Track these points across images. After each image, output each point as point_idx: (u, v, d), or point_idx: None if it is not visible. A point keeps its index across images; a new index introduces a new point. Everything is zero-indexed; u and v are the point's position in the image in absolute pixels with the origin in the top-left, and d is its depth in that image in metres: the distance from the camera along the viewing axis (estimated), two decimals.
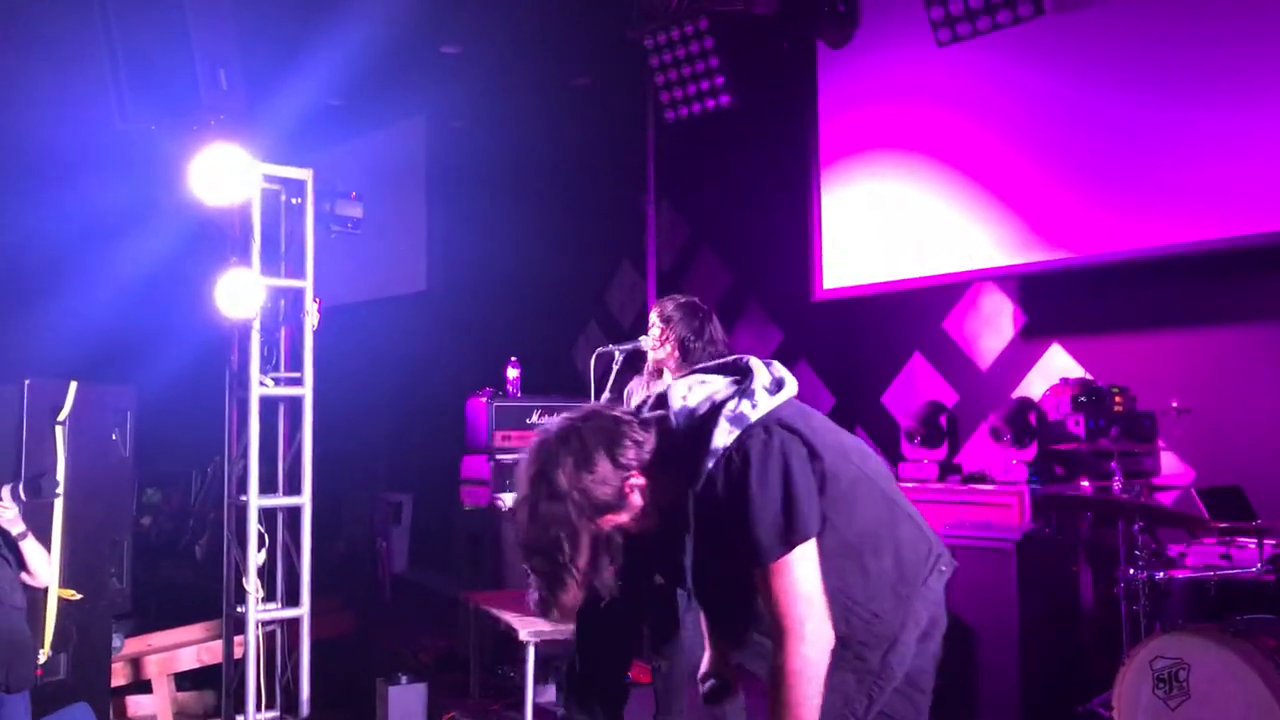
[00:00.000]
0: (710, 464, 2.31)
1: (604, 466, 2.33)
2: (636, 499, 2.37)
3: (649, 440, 2.38)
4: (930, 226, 6.62)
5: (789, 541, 2.27)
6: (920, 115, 6.71)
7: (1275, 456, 5.15)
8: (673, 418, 2.40)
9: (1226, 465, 5.46)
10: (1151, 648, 4.08)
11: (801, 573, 2.29)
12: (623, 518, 2.38)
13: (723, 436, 2.31)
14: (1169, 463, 5.60)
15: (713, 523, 2.33)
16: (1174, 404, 5.22)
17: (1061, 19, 5.97)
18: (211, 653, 5.54)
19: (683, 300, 4.38)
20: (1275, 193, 5.31)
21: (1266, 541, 4.45)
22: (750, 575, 2.31)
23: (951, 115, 6.55)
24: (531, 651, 4.64)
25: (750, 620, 2.43)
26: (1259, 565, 4.36)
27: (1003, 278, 6.47)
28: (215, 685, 5.29)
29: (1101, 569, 5.02)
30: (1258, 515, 4.74)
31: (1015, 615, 5.06)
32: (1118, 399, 5.39)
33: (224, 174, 4.80)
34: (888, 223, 6.86)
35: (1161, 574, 4.50)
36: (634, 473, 2.35)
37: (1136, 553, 4.58)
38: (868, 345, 7.29)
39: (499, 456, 6.65)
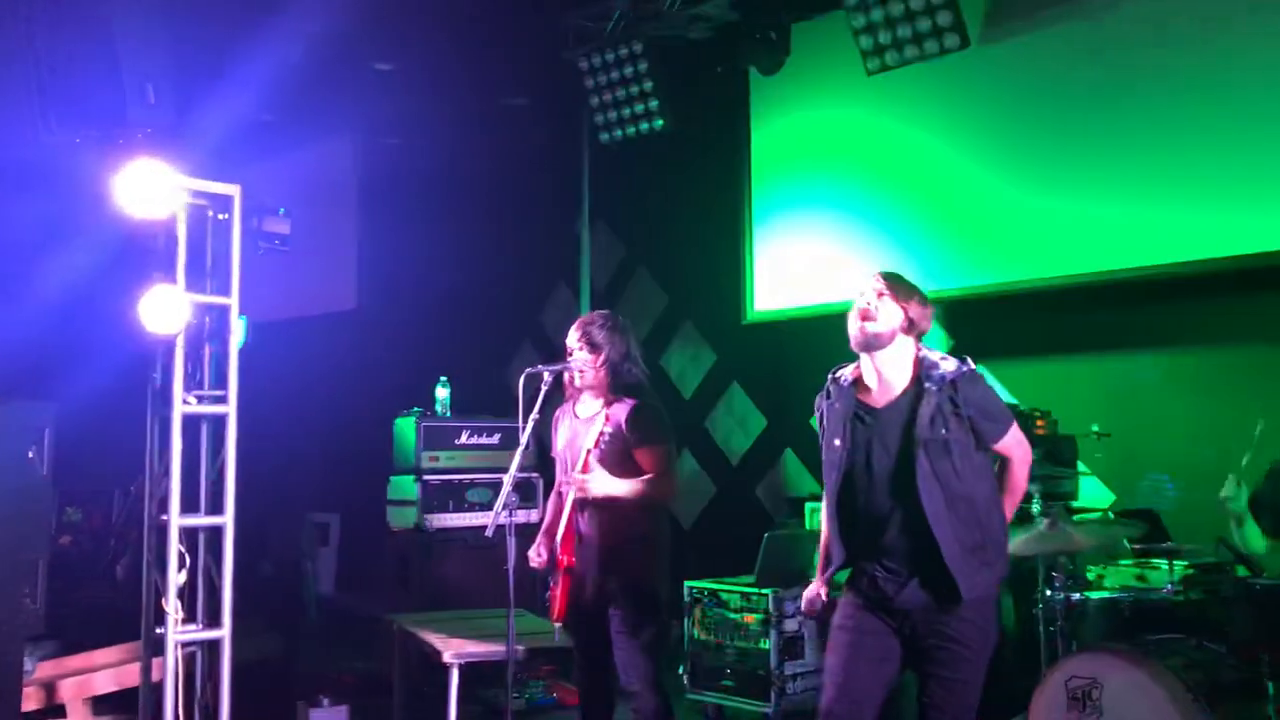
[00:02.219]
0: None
1: None
2: None
3: None
4: (859, 250, 6.76)
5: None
6: (850, 142, 6.86)
7: (1188, 480, 5.31)
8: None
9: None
10: (1066, 667, 4.20)
11: None
12: None
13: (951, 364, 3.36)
14: (1088, 486, 5.76)
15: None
16: (1094, 428, 5.38)
17: (987, 51, 6.15)
18: (129, 676, 5.46)
19: (607, 323, 4.34)
20: (1189, 227, 5.51)
21: (1178, 563, 4.60)
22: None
23: (881, 142, 6.71)
24: (455, 674, 4.64)
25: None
26: (1170, 586, 4.50)
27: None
28: (133, 710, 5.21)
29: (1022, 590, 5.13)
30: (1171, 538, 4.90)
31: None
32: (1040, 423, 5.53)
33: (149, 189, 4.76)
34: (818, 246, 7.00)
35: (1078, 595, 4.62)
36: None
37: (1054, 574, 4.71)
38: (799, 367, 7.38)
39: (427, 477, 6.64)
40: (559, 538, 4.22)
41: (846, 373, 3.55)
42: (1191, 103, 5.51)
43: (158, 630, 4.80)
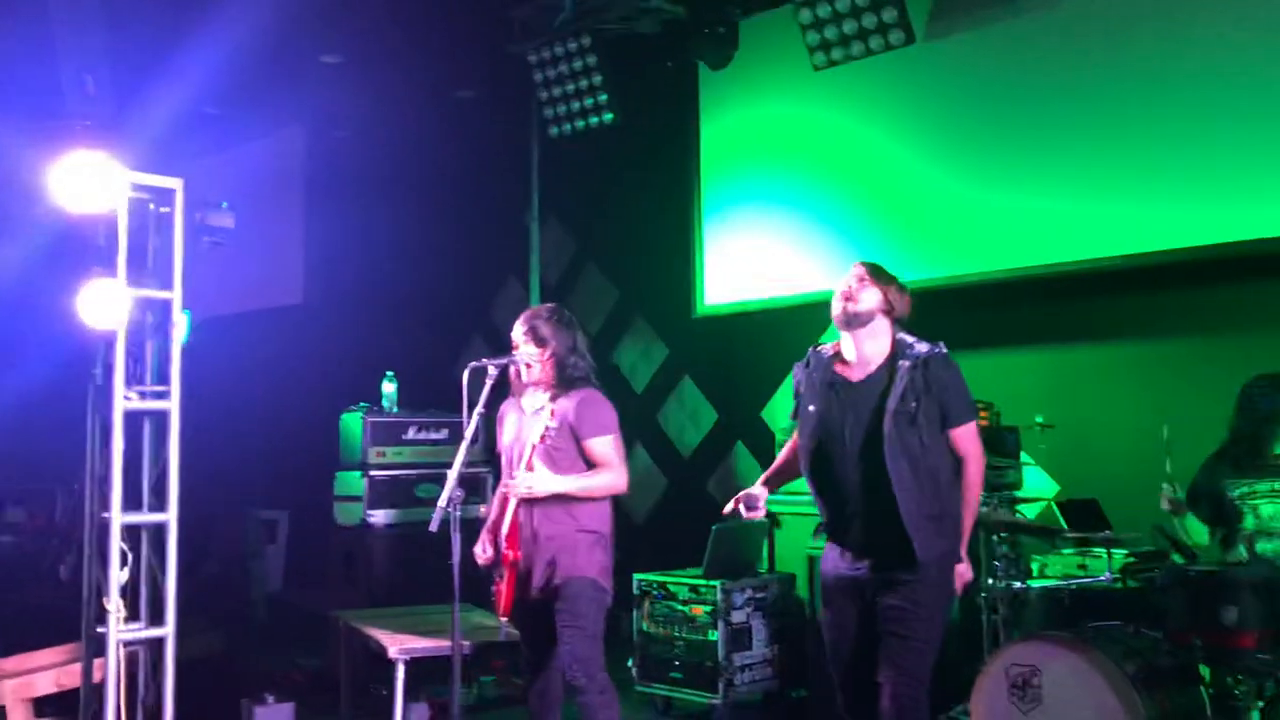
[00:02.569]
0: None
1: None
2: None
3: None
4: (807, 244, 6.82)
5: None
6: (798, 136, 6.91)
7: (1130, 470, 5.41)
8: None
9: (1085, 478, 5.74)
10: (1007, 656, 4.27)
11: None
12: None
13: (925, 346, 3.70)
14: (1032, 476, 5.84)
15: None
16: (1038, 420, 5.46)
17: (932, 47, 6.22)
18: (71, 676, 5.39)
19: (554, 317, 4.34)
20: (1130, 221, 5.61)
21: (1117, 552, 4.69)
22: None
23: (828, 136, 6.76)
24: (401, 669, 4.63)
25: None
26: (1110, 575, 4.59)
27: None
28: (75, 711, 5.16)
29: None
30: (1111, 526, 5.00)
31: None
32: (984, 414, 5.61)
33: (89, 182, 4.70)
34: (767, 240, 7.05)
35: (1020, 584, 4.70)
36: None
37: (997, 564, 4.79)
38: (748, 361, 7.45)
39: (373, 473, 6.61)
40: (504, 532, 4.22)
41: (827, 346, 3.88)
42: (1134, 98, 5.60)
43: (99, 629, 4.75)
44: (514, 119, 8.33)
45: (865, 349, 3.75)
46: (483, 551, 4.35)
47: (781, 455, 4.06)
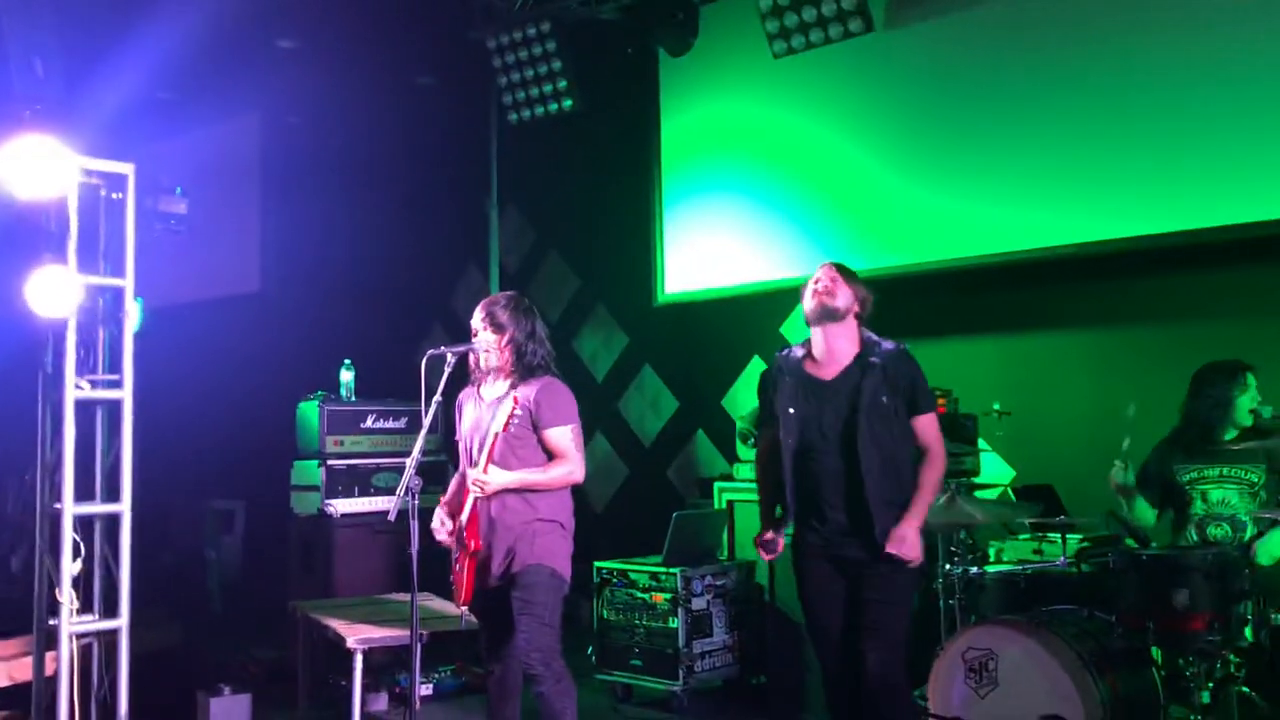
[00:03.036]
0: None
1: None
2: None
3: None
4: (768, 233, 6.85)
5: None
6: (758, 124, 6.93)
7: (1085, 456, 5.49)
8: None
9: (1041, 465, 5.81)
10: (963, 640, 4.32)
11: None
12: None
13: (890, 343, 3.96)
14: (989, 462, 5.92)
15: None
16: (995, 406, 5.53)
17: (891, 37, 6.26)
18: (22, 669, 5.34)
19: (512, 304, 4.34)
20: (1087, 209, 5.67)
21: (1071, 536, 4.76)
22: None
23: (788, 125, 6.79)
24: (359, 659, 4.63)
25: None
26: (1065, 559, 4.66)
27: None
28: (27, 704, 5.10)
29: (923, 564, 5.26)
30: (1067, 512, 5.07)
31: None
32: (941, 401, 5.66)
33: (38, 167, 4.64)
34: (728, 229, 7.06)
35: (977, 569, 4.76)
36: None
37: (954, 549, 4.85)
38: (709, 349, 7.48)
39: (331, 462, 6.58)
40: (464, 519, 4.21)
41: (795, 349, 4.09)
42: (1091, 87, 5.66)
43: (51, 621, 4.70)
44: (473, 105, 8.29)
45: (836, 346, 3.94)
46: (440, 526, 4.34)
47: (761, 483, 4.20)
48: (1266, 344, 5.05)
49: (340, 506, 6.53)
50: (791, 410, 3.97)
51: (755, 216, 6.91)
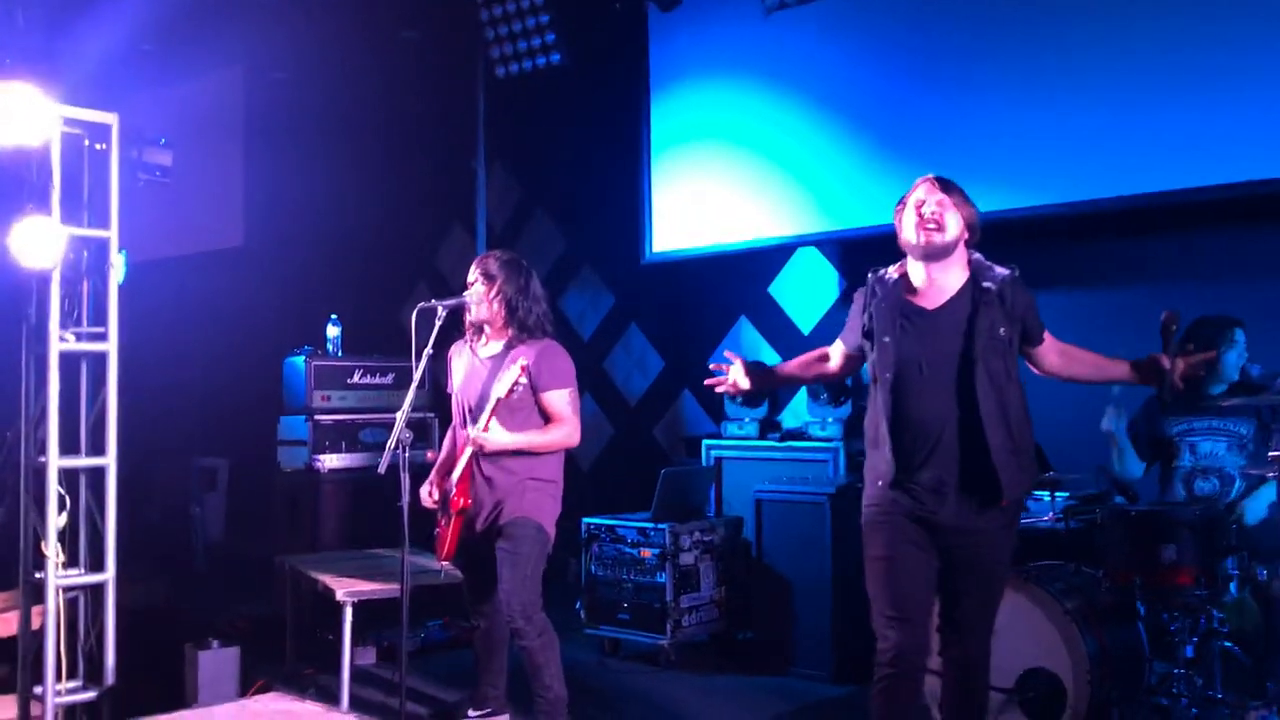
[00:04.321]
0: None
1: None
2: None
3: None
4: (757, 191, 6.80)
5: None
6: (749, 81, 6.86)
7: (1069, 413, 5.49)
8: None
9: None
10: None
11: None
12: None
13: (1002, 269, 3.43)
14: None
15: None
16: None
17: None
18: (7, 624, 5.30)
19: (505, 257, 4.37)
20: (1075, 167, 5.64)
21: (1059, 494, 4.77)
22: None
23: (779, 82, 6.72)
24: (349, 612, 4.62)
25: None
26: (1051, 515, 4.67)
27: (824, 242, 6.70)
28: (13, 658, 5.08)
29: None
30: (1053, 468, 5.08)
31: (829, 567, 5.30)
32: None
33: (19, 115, 4.56)
34: (717, 186, 7.01)
35: None
36: None
37: None
38: (696, 308, 7.46)
39: (318, 417, 6.54)
40: (455, 477, 4.20)
41: (890, 271, 3.53)
42: (1082, 44, 5.63)
43: (37, 575, 4.67)
44: (460, 60, 8.19)
45: (940, 277, 3.41)
46: (429, 497, 4.33)
47: (801, 359, 3.78)
48: (1258, 304, 5.05)
49: (328, 461, 6.50)
50: (887, 339, 3.38)
51: (744, 174, 6.86)
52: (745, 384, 3.68)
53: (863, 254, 6.54)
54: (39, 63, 5.38)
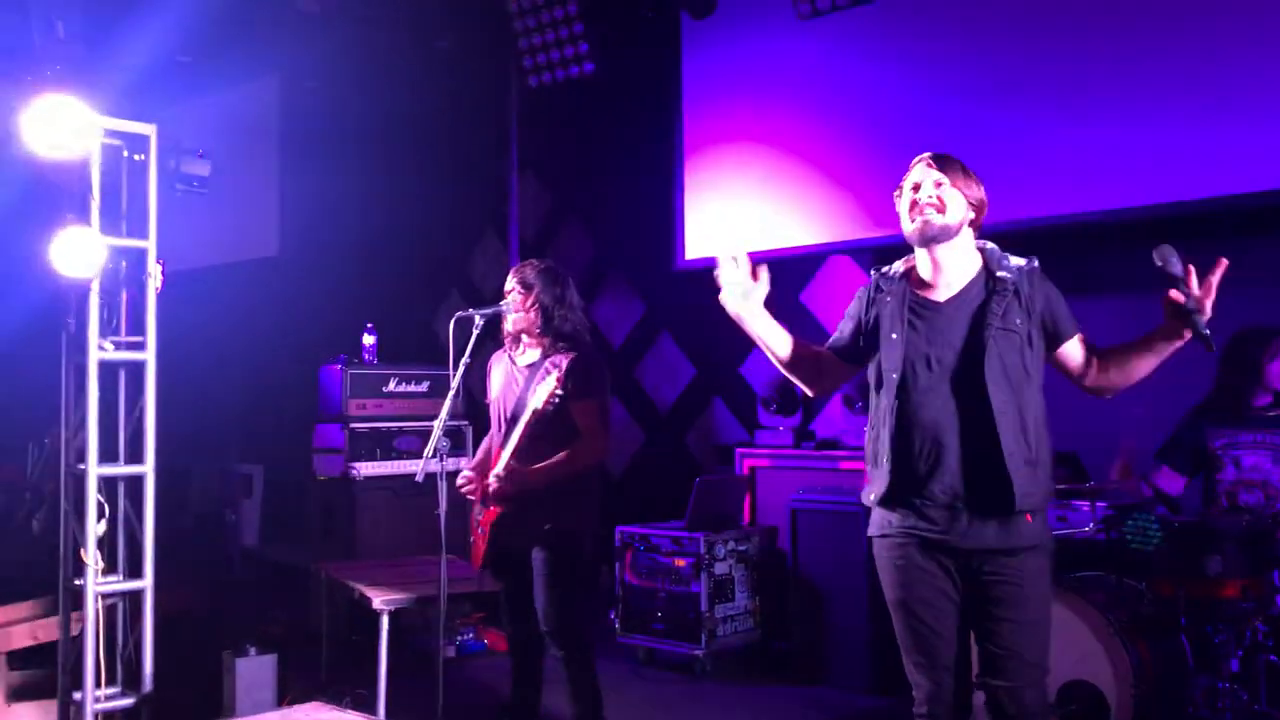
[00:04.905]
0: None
1: None
2: None
3: None
4: (789, 198, 6.75)
5: None
6: (782, 87, 6.82)
7: (1107, 423, 5.41)
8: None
9: (1065, 432, 5.71)
10: None
11: None
12: None
13: (1019, 259, 3.10)
14: None
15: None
16: None
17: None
18: (47, 630, 5.32)
19: (542, 266, 4.35)
20: (1115, 175, 5.57)
21: (1099, 504, 4.70)
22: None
23: (811, 89, 6.68)
24: (385, 620, 4.59)
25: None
26: (1091, 525, 4.60)
27: (857, 250, 6.64)
28: (52, 664, 5.09)
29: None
30: (1091, 478, 5.00)
31: (865, 577, 5.23)
32: None
33: (60, 127, 4.57)
34: (750, 194, 6.97)
35: None
36: None
37: None
38: (727, 316, 7.36)
39: (353, 425, 6.54)
40: (490, 481, 4.17)
41: (897, 266, 3.23)
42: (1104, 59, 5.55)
43: (77, 582, 4.68)
44: (493, 69, 8.19)
45: (948, 265, 3.09)
46: (465, 481, 4.30)
47: (800, 342, 3.27)
48: None
49: (363, 469, 6.50)
50: (895, 335, 3.07)
51: (777, 182, 6.82)
52: (742, 294, 3.18)
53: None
54: (79, 74, 5.41)
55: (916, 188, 3.10)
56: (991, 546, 2.92)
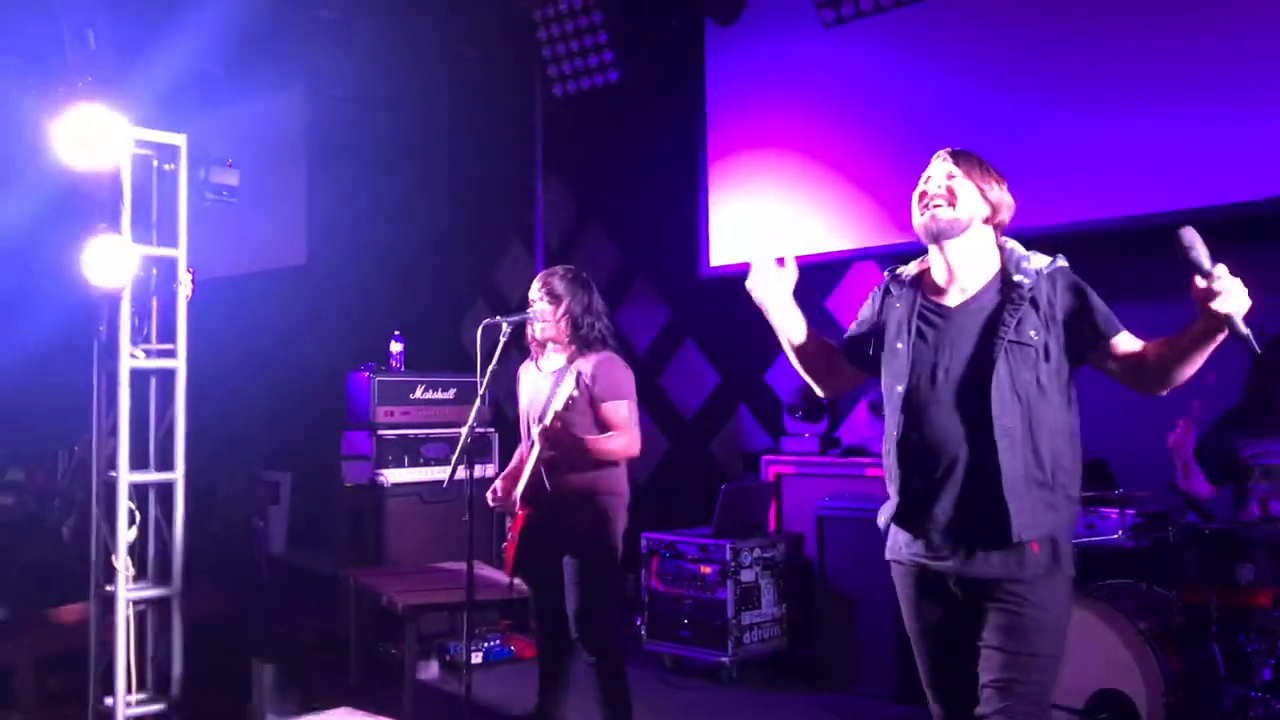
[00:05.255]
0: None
1: None
2: None
3: None
4: (815, 204, 6.74)
5: None
6: (806, 92, 6.81)
7: (1135, 430, 5.36)
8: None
9: (1093, 439, 5.66)
10: None
11: None
12: None
13: (1042, 259, 2.86)
14: None
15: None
16: None
17: (945, 4, 6.11)
18: (79, 636, 5.35)
19: (570, 275, 4.35)
20: (1147, 177, 5.52)
21: (1127, 511, 4.65)
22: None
23: (837, 95, 6.66)
24: (412, 626, 4.60)
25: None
26: (1120, 532, 4.56)
27: (882, 256, 6.61)
28: (83, 669, 5.12)
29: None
30: (1119, 485, 4.96)
31: (891, 585, 5.19)
32: None
33: (92, 137, 4.61)
34: (775, 200, 6.96)
35: None
36: None
37: None
38: (752, 323, 7.28)
39: (381, 432, 6.56)
40: (519, 491, 4.18)
41: (910, 268, 3.05)
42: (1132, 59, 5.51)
43: (108, 588, 4.70)
44: (518, 78, 8.21)
45: (962, 267, 2.89)
46: (493, 496, 4.31)
47: (816, 337, 3.15)
48: None
49: (391, 476, 6.50)
50: (900, 345, 2.89)
51: (802, 188, 6.80)
52: (775, 286, 3.08)
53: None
54: (110, 84, 5.45)
55: (927, 179, 2.95)
56: (996, 576, 2.72)
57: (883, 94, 6.44)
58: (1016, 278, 2.82)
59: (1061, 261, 2.87)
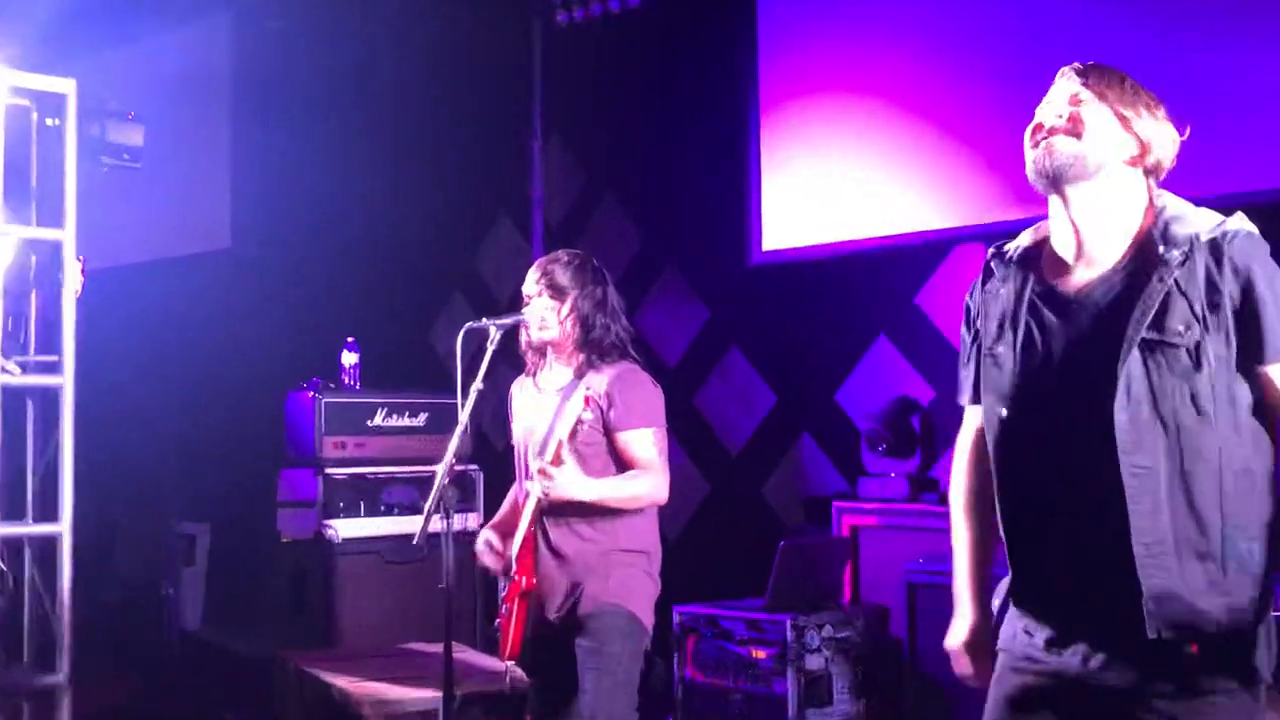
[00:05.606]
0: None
1: None
2: None
3: None
4: (901, 172, 6.73)
5: None
6: (894, 22, 6.80)
7: None
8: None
9: None
10: None
11: None
12: None
13: (1207, 220, 2.57)
14: None
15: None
16: None
17: None
18: None
19: (575, 262, 4.32)
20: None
21: None
22: None
23: (936, 24, 6.65)
24: None
25: None
26: None
27: (991, 237, 6.56)
28: None
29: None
30: None
31: None
32: None
33: None
34: (845, 164, 6.96)
35: None
36: None
37: None
38: (818, 326, 7.37)
39: (330, 470, 6.56)
40: (515, 550, 4.17)
41: (1022, 239, 2.82)
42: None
43: None
44: (508, 4, 8.24)
45: (1091, 229, 2.62)
46: (486, 549, 4.29)
47: (963, 513, 3.01)
48: None
49: (342, 529, 6.53)
50: (1002, 349, 2.67)
51: (884, 151, 6.79)
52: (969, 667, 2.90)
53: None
54: None
55: (1048, 103, 2.73)
56: (1131, 686, 2.46)
57: (981, 44, 6.43)
58: (1162, 247, 2.53)
59: (1238, 223, 2.54)
